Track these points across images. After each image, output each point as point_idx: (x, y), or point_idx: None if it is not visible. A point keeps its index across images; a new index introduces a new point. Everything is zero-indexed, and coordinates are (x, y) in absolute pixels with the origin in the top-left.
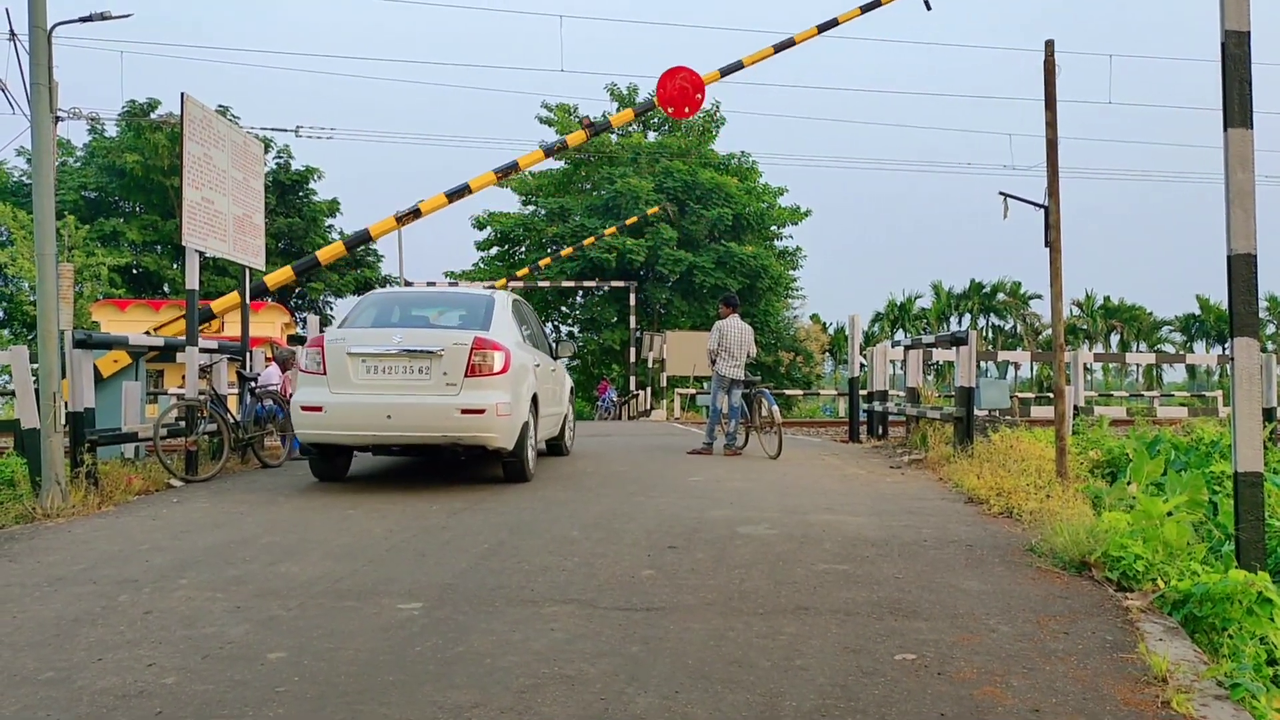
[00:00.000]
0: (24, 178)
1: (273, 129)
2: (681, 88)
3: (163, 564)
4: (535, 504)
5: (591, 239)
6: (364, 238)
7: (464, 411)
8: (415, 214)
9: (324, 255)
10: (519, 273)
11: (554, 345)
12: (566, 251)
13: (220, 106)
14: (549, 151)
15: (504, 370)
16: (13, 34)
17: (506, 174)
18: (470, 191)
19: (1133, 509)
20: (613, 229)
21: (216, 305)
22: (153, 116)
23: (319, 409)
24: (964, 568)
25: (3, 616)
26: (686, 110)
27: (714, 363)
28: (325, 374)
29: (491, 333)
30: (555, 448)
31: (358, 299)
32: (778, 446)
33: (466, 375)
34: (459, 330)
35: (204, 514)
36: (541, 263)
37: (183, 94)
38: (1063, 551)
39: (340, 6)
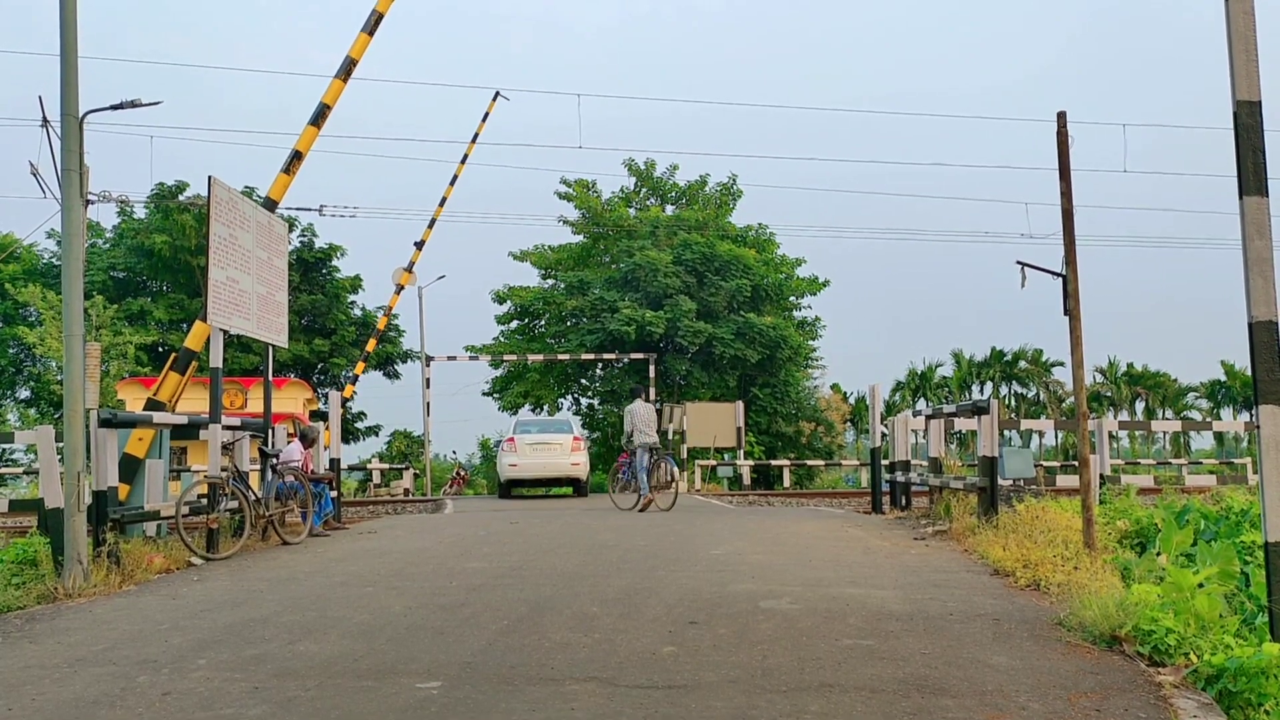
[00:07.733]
0: (54, 259)
1: (297, 208)
2: None
3: (182, 644)
4: (555, 580)
5: None
6: (270, 205)
7: (572, 464)
8: (298, 157)
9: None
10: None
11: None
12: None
13: (246, 188)
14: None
15: (582, 449)
16: (45, 121)
17: (348, 72)
18: (329, 108)
19: (1163, 581)
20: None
21: (161, 394)
22: (180, 198)
23: (516, 465)
24: (991, 642)
25: (22, 698)
26: None
27: (631, 437)
28: (516, 451)
29: (576, 433)
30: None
31: (513, 419)
32: (672, 500)
33: (571, 450)
34: (566, 434)
35: (224, 592)
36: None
37: (210, 177)
38: (1092, 625)
39: (362, 90)
